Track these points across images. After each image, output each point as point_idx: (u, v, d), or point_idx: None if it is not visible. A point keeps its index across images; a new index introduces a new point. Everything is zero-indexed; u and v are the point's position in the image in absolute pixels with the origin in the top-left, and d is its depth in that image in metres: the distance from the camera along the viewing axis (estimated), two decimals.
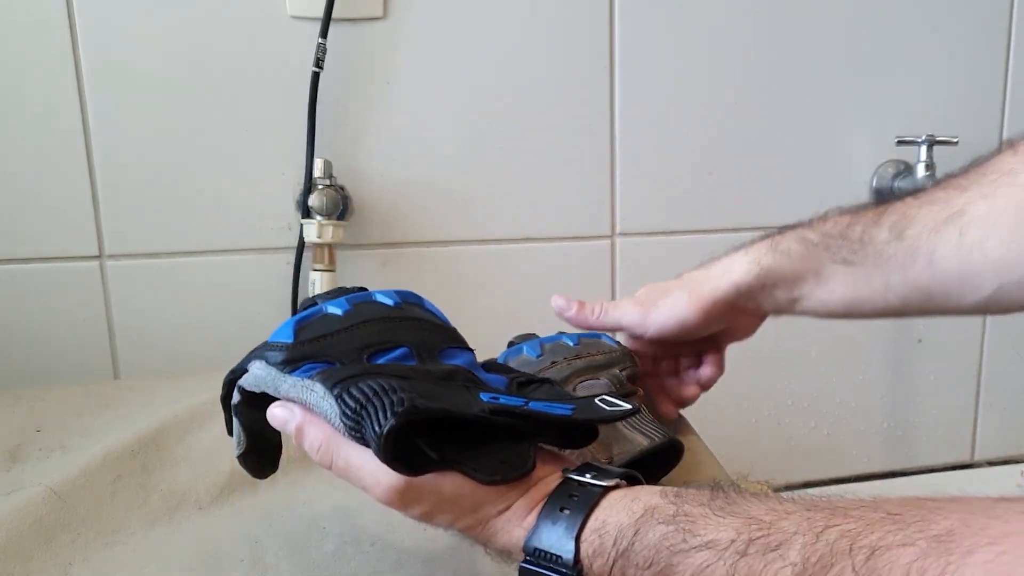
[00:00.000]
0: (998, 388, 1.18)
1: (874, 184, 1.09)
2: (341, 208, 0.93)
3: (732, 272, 0.63)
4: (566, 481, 0.42)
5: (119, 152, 0.91)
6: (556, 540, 0.40)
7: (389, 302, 0.51)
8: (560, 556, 0.39)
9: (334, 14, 0.90)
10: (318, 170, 0.93)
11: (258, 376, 0.48)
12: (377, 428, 0.39)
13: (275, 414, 0.47)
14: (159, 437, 0.69)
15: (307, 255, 0.95)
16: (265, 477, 0.56)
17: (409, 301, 0.52)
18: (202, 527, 0.60)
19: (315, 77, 0.91)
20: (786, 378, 1.14)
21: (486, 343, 0.85)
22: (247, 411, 0.51)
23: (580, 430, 0.47)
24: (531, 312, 1.03)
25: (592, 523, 0.40)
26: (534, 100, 0.98)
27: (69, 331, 0.94)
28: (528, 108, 0.98)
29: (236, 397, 0.50)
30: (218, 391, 0.53)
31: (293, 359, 0.46)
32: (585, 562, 0.39)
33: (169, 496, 0.63)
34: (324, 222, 0.92)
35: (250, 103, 0.93)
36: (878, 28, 1.06)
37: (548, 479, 0.43)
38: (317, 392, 0.44)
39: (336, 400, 0.42)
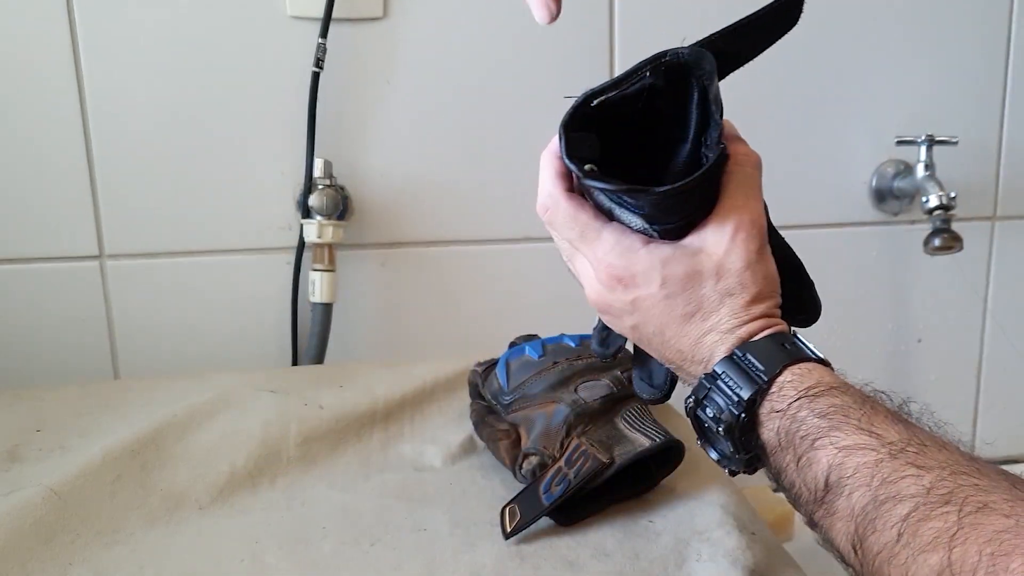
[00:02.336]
0: (998, 388, 1.18)
1: (874, 184, 1.09)
2: (341, 208, 0.93)
3: None
4: (795, 334, 0.47)
5: (119, 152, 0.91)
6: (768, 356, 0.44)
7: None
8: (763, 369, 0.43)
9: (334, 14, 0.90)
10: (318, 170, 0.93)
11: None
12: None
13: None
14: (158, 437, 0.69)
15: (307, 255, 0.95)
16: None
17: None
18: (202, 527, 0.60)
19: (315, 77, 0.91)
20: None
21: (486, 343, 0.85)
22: None
23: None
24: (531, 312, 1.03)
25: (800, 367, 0.44)
26: (534, 100, 0.98)
27: (69, 331, 0.94)
28: (528, 108, 0.98)
29: None
30: (217, 391, 0.54)
31: None
32: (776, 385, 0.43)
33: (169, 496, 0.63)
34: (324, 222, 0.92)
35: (250, 103, 0.93)
36: (878, 28, 1.06)
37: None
38: None
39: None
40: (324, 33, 0.90)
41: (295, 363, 0.97)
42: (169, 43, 0.90)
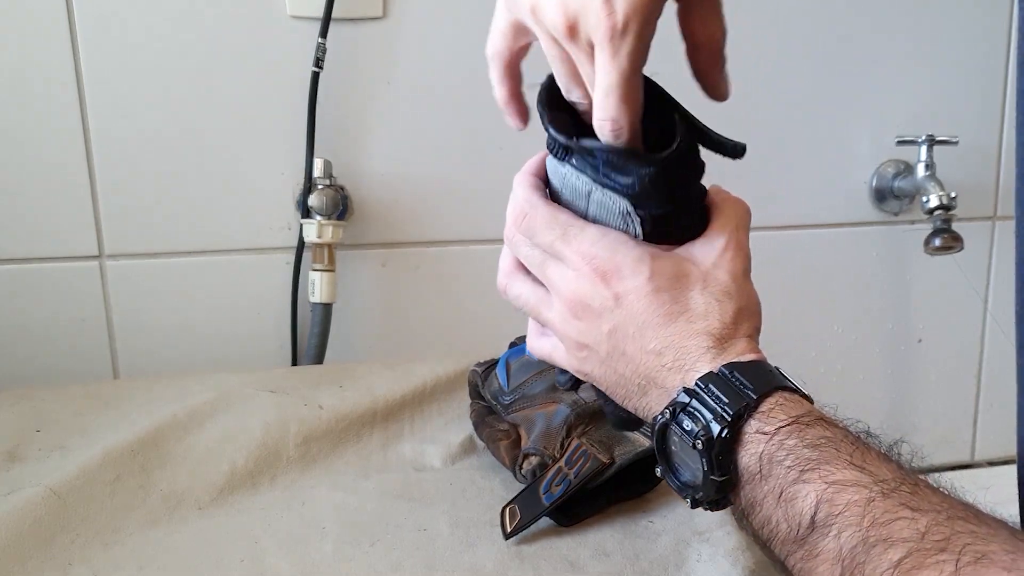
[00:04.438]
0: (998, 388, 1.18)
1: (874, 184, 1.09)
2: (341, 208, 0.93)
3: None
4: (779, 368, 0.44)
5: (119, 152, 0.91)
6: (756, 377, 0.41)
7: None
8: (752, 387, 0.41)
9: (334, 14, 0.90)
10: (318, 170, 0.93)
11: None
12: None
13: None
14: (158, 437, 0.69)
15: (307, 255, 0.95)
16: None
17: None
18: (202, 527, 0.60)
19: (315, 77, 0.91)
20: None
21: (486, 343, 0.85)
22: None
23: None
24: None
25: (788, 394, 0.41)
26: (534, 100, 0.98)
27: (69, 331, 0.93)
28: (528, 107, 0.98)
29: None
30: (217, 391, 0.54)
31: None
32: (766, 404, 0.40)
33: (168, 496, 0.63)
34: (324, 222, 0.92)
35: (250, 103, 0.93)
36: (878, 28, 1.06)
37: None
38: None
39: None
40: (324, 33, 0.90)
41: (295, 363, 0.97)
42: (169, 43, 0.90)
